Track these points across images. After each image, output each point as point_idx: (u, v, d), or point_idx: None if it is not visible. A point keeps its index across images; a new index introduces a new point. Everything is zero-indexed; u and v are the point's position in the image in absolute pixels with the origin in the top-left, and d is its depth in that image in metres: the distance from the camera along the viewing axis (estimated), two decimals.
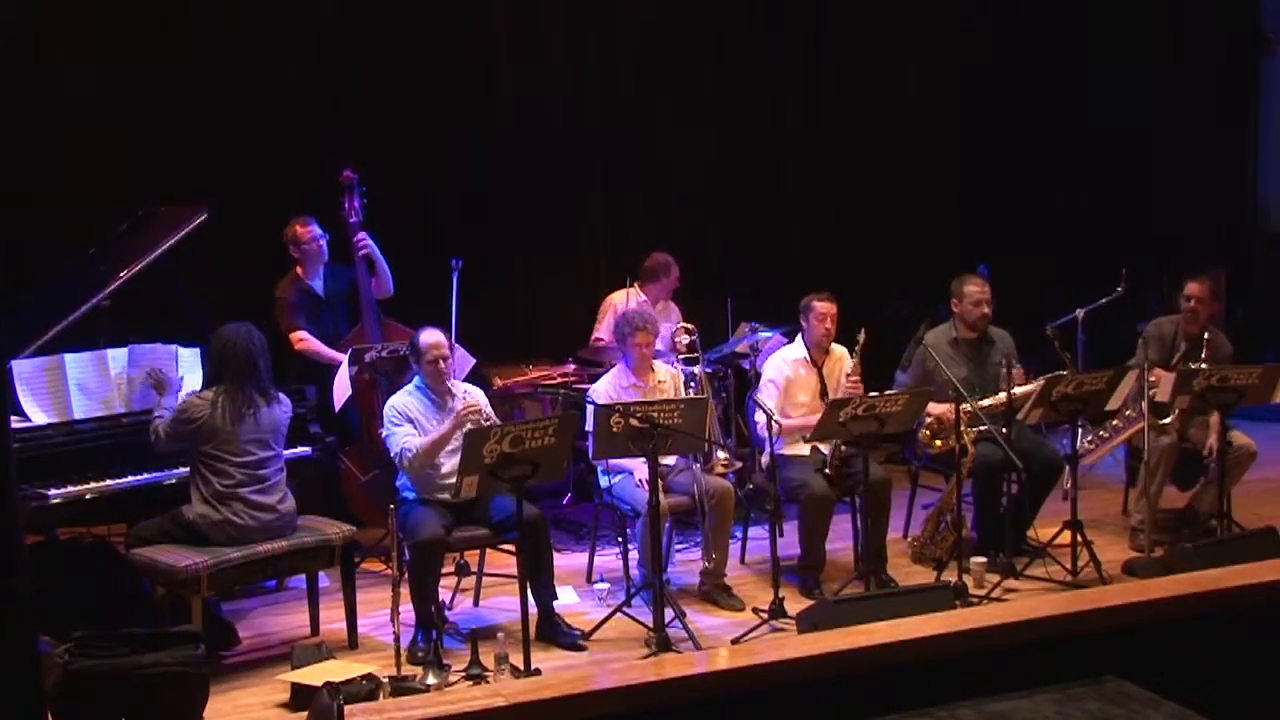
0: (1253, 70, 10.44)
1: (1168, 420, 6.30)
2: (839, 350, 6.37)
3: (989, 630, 3.30)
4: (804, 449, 6.19)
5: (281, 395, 5.40)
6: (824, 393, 6.24)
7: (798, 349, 6.35)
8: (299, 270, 6.70)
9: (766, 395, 6.14)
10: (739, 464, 6.24)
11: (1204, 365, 6.38)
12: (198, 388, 5.50)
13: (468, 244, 7.13)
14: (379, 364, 6.44)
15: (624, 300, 7.24)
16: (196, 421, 5.14)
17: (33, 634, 2.59)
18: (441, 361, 5.61)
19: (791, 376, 6.26)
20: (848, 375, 6.18)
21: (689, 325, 6.54)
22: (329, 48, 7.92)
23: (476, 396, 5.66)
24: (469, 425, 5.31)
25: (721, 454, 5.98)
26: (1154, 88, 10.17)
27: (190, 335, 5.81)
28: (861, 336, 6.12)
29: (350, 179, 6.70)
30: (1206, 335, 6.56)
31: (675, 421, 5.34)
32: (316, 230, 6.65)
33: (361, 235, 6.69)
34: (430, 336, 5.62)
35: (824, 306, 6.23)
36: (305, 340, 6.58)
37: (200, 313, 5.95)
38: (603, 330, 7.38)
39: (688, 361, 6.41)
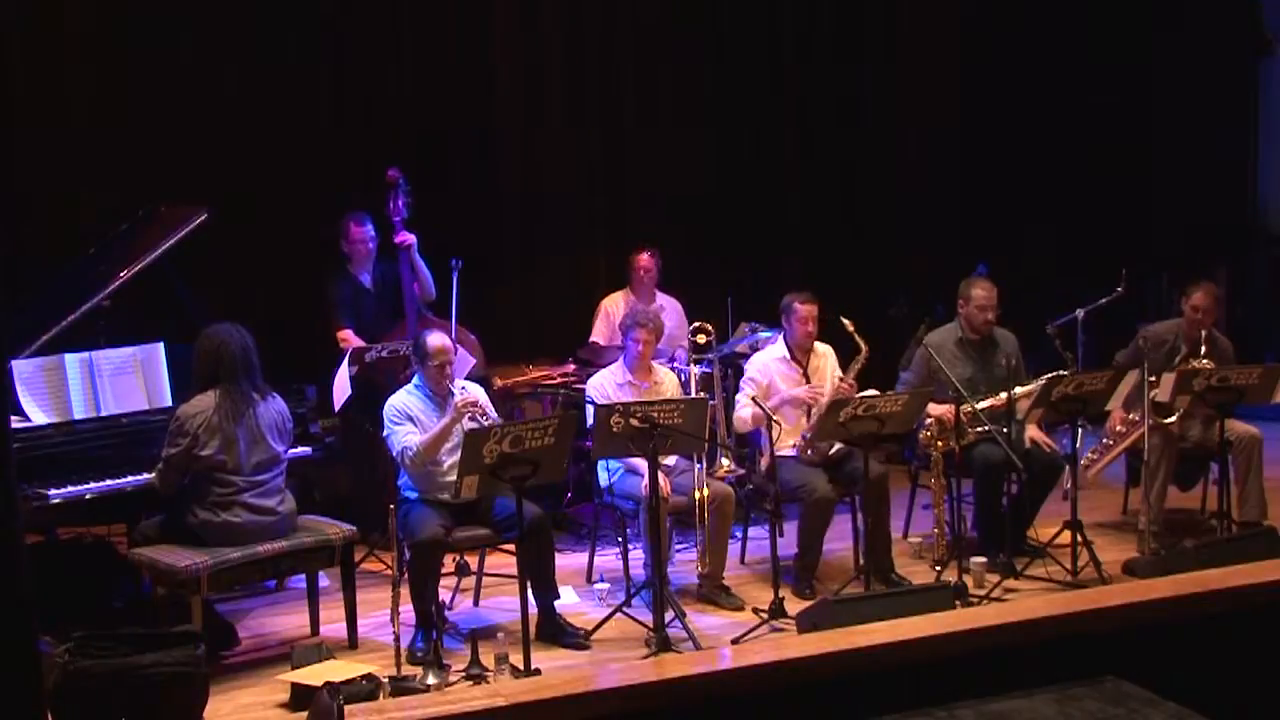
0: (1253, 70, 10.43)
1: (1171, 420, 6.28)
2: (822, 348, 6.35)
3: (989, 630, 3.31)
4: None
5: (274, 394, 5.37)
6: None
7: (779, 348, 6.33)
8: (349, 266, 6.81)
9: (745, 392, 6.13)
10: (741, 471, 6.23)
11: (1206, 362, 6.37)
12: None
13: (468, 244, 7.13)
14: (379, 364, 6.44)
15: (614, 304, 7.26)
16: (198, 428, 5.07)
17: (33, 634, 2.58)
18: (447, 366, 5.61)
19: (775, 376, 6.23)
20: (840, 378, 6.15)
21: (705, 325, 6.54)
22: (329, 49, 7.91)
23: (475, 392, 5.65)
24: (468, 418, 5.32)
25: (725, 460, 5.97)
26: (1154, 88, 10.16)
27: (190, 336, 5.79)
28: (849, 325, 6.02)
29: (395, 178, 6.72)
30: (1204, 333, 6.55)
31: (675, 421, 5.34)
32: (369, 231, 6.76)
33: (404, 235, 6.73)
34: (437, 340, 5.60)
35: (805, 309, 6.17)
36: (349, 340, 6.61)
37: (201, 313, 5.94)
38: (597, 334, 7.42)
39: (699, 362, 6.45)
